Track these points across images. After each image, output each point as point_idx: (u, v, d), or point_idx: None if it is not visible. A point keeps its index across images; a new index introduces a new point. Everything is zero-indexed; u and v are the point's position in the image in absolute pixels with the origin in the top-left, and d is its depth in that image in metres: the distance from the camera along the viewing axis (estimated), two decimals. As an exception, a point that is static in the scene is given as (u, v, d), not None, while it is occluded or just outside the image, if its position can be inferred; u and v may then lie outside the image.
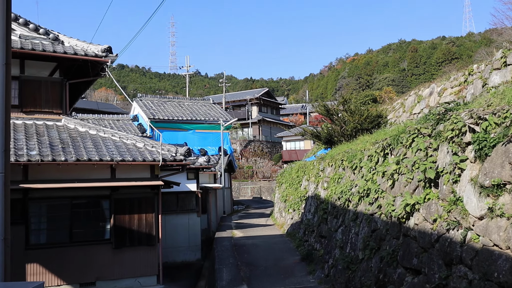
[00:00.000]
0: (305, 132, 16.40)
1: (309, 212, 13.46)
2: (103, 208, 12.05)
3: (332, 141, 14.62)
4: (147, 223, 12.34)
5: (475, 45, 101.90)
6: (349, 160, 10.45)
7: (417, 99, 15.94)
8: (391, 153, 8.50)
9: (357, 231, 9.32)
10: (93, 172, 11.81)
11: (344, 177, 10.93)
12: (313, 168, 14.23)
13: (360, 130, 13.86)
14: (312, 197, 13.40)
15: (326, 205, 11.55)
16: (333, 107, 15.21)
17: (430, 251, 6.34)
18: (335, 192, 11.01)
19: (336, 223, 10.65)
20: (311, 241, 12.59)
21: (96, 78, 14.52)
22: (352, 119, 13.99)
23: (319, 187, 12.96)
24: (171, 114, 26.15)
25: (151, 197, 12.51)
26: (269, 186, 45.15)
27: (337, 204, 10.76)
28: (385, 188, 8.41)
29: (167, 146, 12.66)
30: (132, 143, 12.71)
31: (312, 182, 13.81)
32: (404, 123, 9.58)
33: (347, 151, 10.78)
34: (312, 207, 13.03)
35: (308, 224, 12.74)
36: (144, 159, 11.78)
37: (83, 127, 13.12)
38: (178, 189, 15.89)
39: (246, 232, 18.15)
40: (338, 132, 14.20)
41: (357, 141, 11.58)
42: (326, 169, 12.74)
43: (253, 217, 25.03)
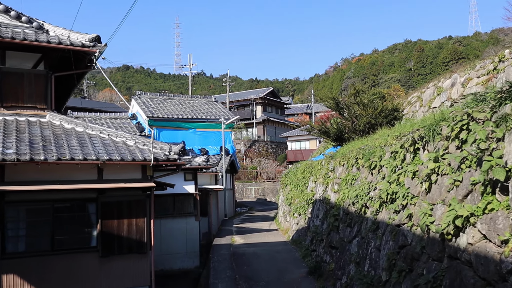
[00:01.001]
0: (312, 128, 15.04)
1: (317, 217, 12.22)
2: (89, 212, 10.94)
3: (342, 138, 13.31)
4: (138, 229, 11.22)
5: (482, 44, 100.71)
6: (366, 158, 9.05)
7: (437, 91, 14.50)
8: (424, 148, 6.98)
9: (378, 245, 7.84)
10: (78, 173, 10.71)
11: (359, 178, 9.66)
12: (321, 168, 12.95)
13: (374, 125, 12.56)
14: (320, 200, 12.10)
15: (338, 211, 10.22)
16: (343, 100, 13.80)
17: (499, 286, 4.59)
18: (348, 196, 9.69)
19: (350, 232, 9.35)
20: (319, 252, 11.22)
21: (86, 71, 13.44)
22: (365, 113, 12.64)
23: (328, 190, 11.63)
24: (171, 112, 25.07)
25: (143, 200, 11.39)
26: (274, 187, 43.98)
27: (351, 210, 9.44)
28: (417, 192, 6.88)
29: (159, 144, 11.53)
30: (122, 140, 11.60)
31: (320, 183, 12.54)
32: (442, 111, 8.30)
33: (363, 147, 9.46)
34: (321, 212, 11.79)
35: (316, 232, 11.42)
36: (134, 158, 10.65)
37: (70, 123, 12.03)
38: (174, 191, 14.78)
39: (247, 238, 16.80)
40: (349, 128, 12.87)
41: (374, 136, 10.19)
42: (336, 169, 11.37)
43: (256, 220, 23.75)
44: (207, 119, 25.38)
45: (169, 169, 12.51)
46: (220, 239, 16.56)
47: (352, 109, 13.06)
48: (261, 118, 62.81)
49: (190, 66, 49.74)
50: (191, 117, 24.97)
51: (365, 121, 12.63)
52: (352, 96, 13.31)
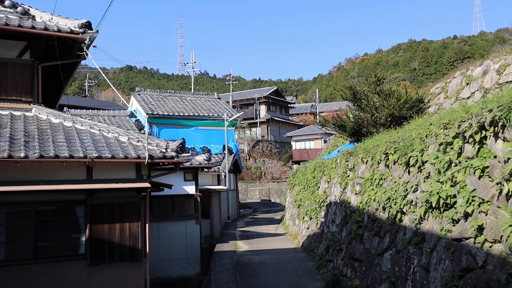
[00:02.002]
0: (326, 122, 13.69)
1: (333, 223, 10.83)
2: (77, 215, 9.86)
3: (360, 133, 12.01)
4: (132, 234, 10.12)
5: (487, 44, 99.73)
6: (401, 152, 7.55)
7: (466, 80, 13.17)
8: (497, 135, 5.29)
9: (424, 264, 6.10)
10: (64, 172, 9.63)
11: (390, 177, 8.13)
12: (336, 166, 11.65)
13: (398, 118, 11.32)
14: (336, 203, 10.79)
15: (361, 216, 8.83)
16: (361, 90, 12.47)
17: None
18: (374, 199, 8.32)
19: (379, 243, 7.77)
20: (337, 263, 9.72)
21: (77, 61, 12.37)
22: (387, 104, 11.37)
23: (347, 191, 10.26)
24: (172, 109, 23.99)
25: (137, 202, 10.30)
26: (278, 187, 42.81)
27: (380, 216, 8.03)
28: (490, 196, 5.14)
29: (155, 140, 10.44)
30: (114, 136, 10.51)
31: (336, 184, 11.23)
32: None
33: (394, 140, 8.05)
34: (338, 216, 10.43)
35: (332, 240, 10.08)
36: (127, 156, 9.56)
37: (57, 118, 10.96)
38: (173, 192, 13.69)
39: (253, 244, 15.42)
40: (369, 121, 11.56)
41: (407, 127, 8.81)
42: (358, 167, 9.95)
43: (261, 223, 22.43)
44: (210, 117, 24.28)
45: (167, 168, 11.42)
46: (222, 245, 15.20)
47: (371, 100, 11.77)
48: (265, 117, 61.66)
49: (192, 64, 48.77)
50: (192, 115, 23.89)
51: (387, 113, 11.27)
52: (373, 85, 12.00)
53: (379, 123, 11.45)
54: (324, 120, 13.73)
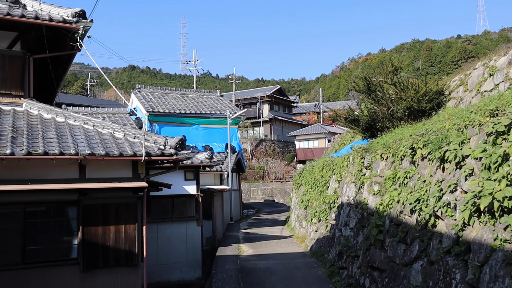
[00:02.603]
0: (338, 116, 12.79)
1: (346, 226, 9.92)
2: (69, 217, 9.19)
3: (375, 128, 11.15)
4: (128, 237, 9.45)
5: (492, 43, 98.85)
6: (434, 146, 6.56)
7: (488, 71, 12.31)
8: None
9: (472, 281, 5.00)
10: (55, 171, 8.97)
11: (418, 175, 7.11)
12: (348, 164, 10.80)
13: (416, 111, 10.47)
14: (350, 204, 9.97)
15: (381, 220, 7.86)
16: (376, 81, 11.57)
17: None
18: (398, 200, 7.39)
19: (405, 252, 6.75)
20: (353, 271, 8.72)
21: (72, 53, 11.71)
22: (405, 96, 10.52)
23: (364, 191, 9.29)
24: (173, 107, 23.32)
25: (133, 202, 9.62)
26: (282, 187, 42.06)
27: (405, 219, 7.07)
28: None
29: (153, 136, 9.76)
30: (109, 132, 9.85)
31: (350, 183, 10.33)
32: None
33: (422, 133, 7.08)
34: (352, 219, 9.51)
35: (346, 245, 9.19)
36: (122, 153, 8.89)
37: (49, 113, 10.31)
38: (173, 192, 13.01)
39: (257, 247, 14.49)
40: (384, 115, 10.68)
41: (437, 118, 7.91)
42: (376, 165, 9.07)
43: (265, 224, 21.58)
44: (212, 114, 23.60)
45: (166, 167, 10.75)
46: (225, 248, 14.34)
47: (387, 92, 10.90)
48: (268, 116, 60.93)
49: (194, 62, 48.16)
50: (194, 112, 23.21)
51: (405, 106, 10.45)
52: (389, 75, 11.11)
53: (396, 117, 10.59)
54: (336, 115, 12.79)
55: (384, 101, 10.64)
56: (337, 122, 12.32)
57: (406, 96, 10.30)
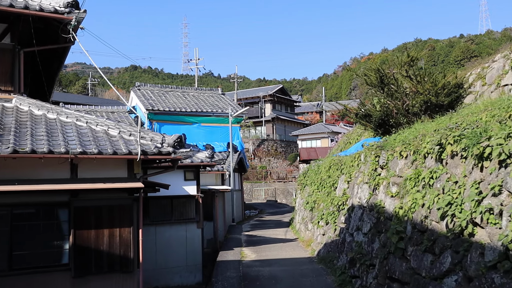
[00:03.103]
0: (348, 111, 11.94)
1: (359, 231, 9.13)
2: (59, 220, 8.61)
3: (388, 124, 10.40)
4: (123, 241, 8.86)
5: (495, 42, 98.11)
6: (470, 141, 5.62)
7: (510, 63, 11.52)
8: None
9: None
10: (45, 170, 8.41)
11: (446, 175, 6.17)
12: (359, 164, 10.14)
13: (434, 106, 9.75)
14: (363, 207, 9.23)
15: (402, 225, 7.01)
16: (391, 73, 10.78)
17: None
18: (422, 204, 6.51)
19: (433, 263, 5.85)
20: (367, 282, 7.88)
21: (67, 46, 11.13)
22: (422, 89, 9.77)
23: (379, 193, 8.57)
24: (173, 105, 22.73)
25: (128, 204, 9.04)
26: (285, 188, 41.41)
27: (432, 226, 6.22)
28: None
29: (150, 133, 9.17)
30: (103, 130, 9.26)
31: (362, 184, 9.60)
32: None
33: (451, 126, 6.22)
34: (366, 223, 8.71)
35: (360, 252, 8.45)
36: (116, 151, 8.30)
37: (40, 109, 9.73)
38: (172, 192, 12.44)
39: (261, 252, 13.72)
40: (399, 110, 9.89)
41: (467, 110, 7.04)
42: (393, 164, 8.19)
43: (269, 226, 20.85)
44: (213, 113, 23.01)
45: (163, 166, 10.17)
46: (226, 253, 13.65)
47: (401, 85, 10.13)
48: (270, 116, 60.30)
49: (196, 60, 47.62)
50: (195, 111, 22.62)
51: (422, 100, 9.69)
52: (405, 66, 10.33)
53: (412, 112, 9.85)
54: (345, 110, 12.00)
55: (399, 95, 9.86)
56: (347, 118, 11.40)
57: (423, 89, 9.53)
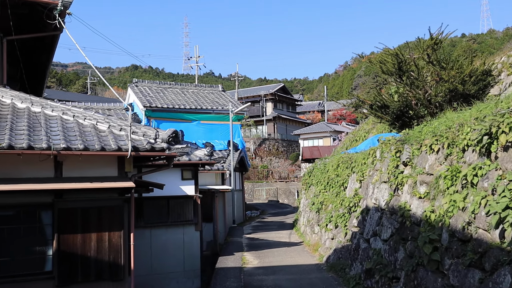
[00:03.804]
0: (361, 102, 10.75)
1: (376, 236, 8.17)
2: (42, 223, 7.82)
3: (407, 116, 9.35)
4: (112, 246, 8.07)
5: (496, 42, 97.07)
6: None
7: None
8: None
9: None
10: (26, 168, 7.63)
11: (496, 172, 5.10)
12: (374, 161, 9.11)
13: (460, 95, 8.78)
14: (381, 210, 8.18)
15: (436, 233, 5.88)
16: (411, 58, 9.42)
17: None
18: (464, 207, 5.45)
19: (483, 282, 4.82)
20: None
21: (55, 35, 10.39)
22: (446, 76, 8.89)
23: (403, 194, 7.44)
24: (172, 102, 21.93)
25: (119, 205, 8.24)
26: (287, 187, 40.57)
27: (478, 235, 5.14)
28: None
29: (142, 128, 8.38)
30: (91, 124, 8.47)
31: (379, 183, 8.53)
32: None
33: (500, 111, 5.10)
34: (386, 228, 7.62)
35: (380, 263, 7.29)
36: (103, 147, 7.51)
37: (24, 102, 8.94)
38: (169, 193, 11.66)
39: (264, 257, 12.67)
40: (420, 100, 8.81)
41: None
42: (421, 159, 7.13)
43: (271, 228, 19.88)
44: (213, 110, 22.18)
45: (156, 165, 9.38)
46: (226, 258, 12.62)
47: (422, 73, 9.06)
48: (272, 115, 59.42)
49: (196, 58, 46.84)
50: (194, 108, 21.81)
51: (447, 89, 8.77)
52: (428, 50, 9.24)
53: (434, 103, 8.82)
54: (359, 100, 10.88)
55: (420, 83, 8.80)
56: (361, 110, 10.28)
57: (448, 76, 8.53)
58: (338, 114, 71.45)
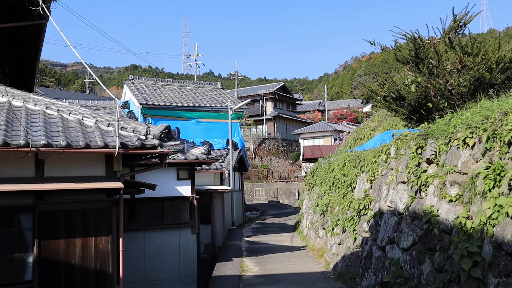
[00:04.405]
0: (373, 93, 9.68)
1: (393, 244, 7.23)
2: (21, 227, 7.14)
3: (425, 109, 8.36)
4: (99, 253, 7.38)
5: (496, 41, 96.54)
6: None
7: None
8: None
9: None
10: (4, 167, 6.96)
11: None
12: (388, 158, 8.18)
13: (486, 85, 7.92)
14: (399, 214, 7.21)
15: (475, 244, 4.95)
16: (430, 43, 8.29)
17: None
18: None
19: None
20: None
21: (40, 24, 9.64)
22: (471, 63, 7.60)
23: (428, 196, 6.43)
24: (169, 99, 21.25)
25: (106, 208, 7.56)
26: (287, 188, 39.87)
27: None
28: None
29: (132, 123, 7.70)
30: (77, 119, 7.78)
31: (396, 184, 7.57)
32: None
33: None
34: (406, 236, 6.71)
35: (400, 276, 6.21)
36: (88, 144, 6.82)
37: (4, 96, 8.25)
38: (164, 193, 10.99)
39: (264, 264, 11.66)
40: (440, 90, 7.89)
41: None
42: (450, 156, 6.09)
43: (272, 230, 18.96)
44: (212, 108, 21.51)
45: (147, 164, 8.70)
46: (224, 265, 11.60)
47: (442, 60, 8.10)
48: (272, 114, 58.74)
49: (195, 56, 46.24)
50: (192, 105, 21.14)
51: (472, 77, 7.78)
52: (451, 33, 8.35)
53: (457, 93, 7.90)
54: (370, 91, 9.85)
55: (441, 71, 7.88)
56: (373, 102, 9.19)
57: (473, 64, 7.67)
58: (338, 113, 70.82)
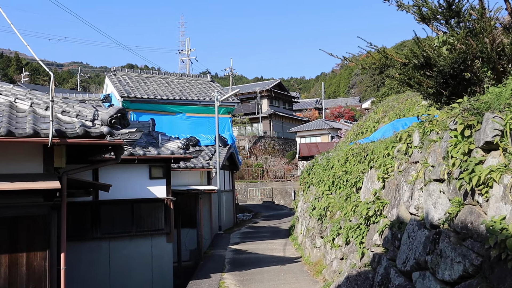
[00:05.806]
0: (389, 60, 7.51)
1: (427, 272, 4.67)
2: None
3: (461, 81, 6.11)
4: (32, 272, 5.76)
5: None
6: None
7: None
8: None
9: None
10: None
11: None
12: (408, 149, 6.06)
13: None
14: (432, 226, 4.79)
15: None
16: None
17: None
18: None
19: None
20: None
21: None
22: None
23: (491, 202, 3.79)
24: (154, 92, 19.60)
25: (43, 215, 5.93)
26: (283, 187, 38.27)
27: None
28: None
29: (76, 107, 6.07)
30: (7, 101, 6.14)
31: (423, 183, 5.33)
32: None
33: None
34: (452, 263, 4.16)
35: None
36: (11, 132, 5.20)
37: None
38: (133, 195, 9.37)
39: (249, 283, 9.51)
40: (485, 53, 5.69)
41: None
42: None
43: (263, 236, 16.94)
44: (200, 101, 19.87)
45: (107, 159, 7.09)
46: (198, 285, 9.40)
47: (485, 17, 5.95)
48: (267, 112, 57.10)
49: (187, 51, 44.63)
50: (179, 98, 19.49)
51: None
52: None
53: (508, 55, 5.80)
54: (386, 58, 7.66)
55: (487, 25, 5.62)
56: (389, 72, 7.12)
57: None
58: (336, 111, 69.48)
